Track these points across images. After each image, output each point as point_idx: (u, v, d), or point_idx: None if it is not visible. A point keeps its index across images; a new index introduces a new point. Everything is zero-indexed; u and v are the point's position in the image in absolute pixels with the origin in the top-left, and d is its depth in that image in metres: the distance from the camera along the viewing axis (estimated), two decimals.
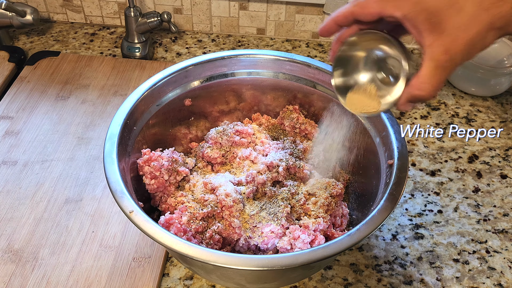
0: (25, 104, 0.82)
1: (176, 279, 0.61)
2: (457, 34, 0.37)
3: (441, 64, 0.38)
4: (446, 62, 0.38)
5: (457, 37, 0.37)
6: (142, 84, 0.63)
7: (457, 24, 0.37)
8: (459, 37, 0.37)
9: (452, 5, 0.36)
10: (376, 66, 0.46)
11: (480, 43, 0.38)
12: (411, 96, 0.42)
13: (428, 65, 0.39)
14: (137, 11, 0.89)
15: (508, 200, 0.71)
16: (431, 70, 0.39)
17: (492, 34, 0.37)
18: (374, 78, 0.47)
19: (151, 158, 0.60)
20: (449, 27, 0.37)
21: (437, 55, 0.38)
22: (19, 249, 0.62)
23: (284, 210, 0.57)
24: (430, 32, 0.38)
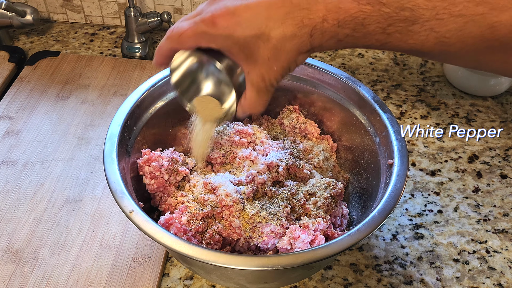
0: (25, 104, 0.82)
1: (176, 279, 0.61)
2: (269, 64, 0.40)
3: (261, 89, 0.42)
4: (266, 87, 0.42)
5: (269, 67, 0.40)
6: (142, 84, 0.63)
7: (267, 54, 0.39)
8: (271, 66, 0.40)
9: (259, 36, 0.38)
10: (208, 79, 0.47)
11: (293, 65, 0.41)
12: (244, 112, 0.45)
13: (250, 89, 0.42)
14: (137, 11, 0.89)
15: (508, 200, 0.71)
16: (254, 94, 0.42)
17: (302, 57, 0.40)
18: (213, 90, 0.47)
19: (151, 158, 0.60)
20: (261, 58, 0.39)
21: (256, 82, 0.41)
22: (19, 249, 0.62)
23: (284, 210, 0.57)
24: (245, 61, 0.41)
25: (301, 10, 0.37)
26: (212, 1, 0.41)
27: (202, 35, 0.40)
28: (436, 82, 0.91)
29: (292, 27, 0.38)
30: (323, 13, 0.37)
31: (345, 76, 0.64)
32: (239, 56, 0.41)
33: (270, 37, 0.38)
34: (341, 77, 0.65)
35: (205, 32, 0.40)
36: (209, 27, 0.39)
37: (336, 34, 0.38)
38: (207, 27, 0.39)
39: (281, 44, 0.38)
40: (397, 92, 0.89)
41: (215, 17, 0.39)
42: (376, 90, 0.89)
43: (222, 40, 0.40)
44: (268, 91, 0.43)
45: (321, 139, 0.69)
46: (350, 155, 0.67)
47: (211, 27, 0.39)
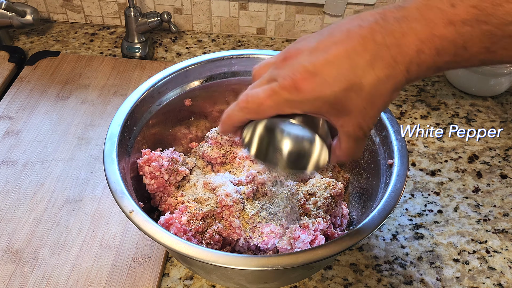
0: (25, 104, 0.82)
1: (176, 279, 0.61)
2: (364, 112, 0.37)
3: (359, 138, 0.39)
4: (364, 134, 0.39)
5: (366, 114, 0.37)
6: (142, 84, 0.63)
7: (362, 104, 0.36)
8: (367, 114, 0.37)
9: (350, 89, 0.35)
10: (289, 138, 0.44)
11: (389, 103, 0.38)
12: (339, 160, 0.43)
13: (347, 140, 0.40)
14: (137, 11, 0.89)
15: (508, 200, 0.71)
16: (352, 143, 0.40)
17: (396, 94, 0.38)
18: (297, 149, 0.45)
19: (151, 158, 0.60)
20: (355, 109, 0.37)
21: (353, 133, 0.39)
22: (19, 249, 0.62)
23: (284, 210, 0.57)
24: (337, 116, 0.38)
25: (389, 48, 0.35)
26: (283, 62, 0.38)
27: (285, 103, 0.37)
28: (436, 82, 0.91)
29: (385, 69, 0.35)
30: (417, 45, 0.34)
31: None
32: (328, 114, 0.38)
33: (363, 85, 0.35)
34: None
35: (288, 100, 0.37)
36: (292, 94, 0.36)
37: (435, 63, 0.35)
38: (290, 95, 0.36)
39: (376, 89, 0.36)
40: None
41: (297, 81, 0.36)
42: None
43: (310, 104, 0.37)
44: (366, 137, 0.40)
45: None
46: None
47: (296, 93, 0.36)
